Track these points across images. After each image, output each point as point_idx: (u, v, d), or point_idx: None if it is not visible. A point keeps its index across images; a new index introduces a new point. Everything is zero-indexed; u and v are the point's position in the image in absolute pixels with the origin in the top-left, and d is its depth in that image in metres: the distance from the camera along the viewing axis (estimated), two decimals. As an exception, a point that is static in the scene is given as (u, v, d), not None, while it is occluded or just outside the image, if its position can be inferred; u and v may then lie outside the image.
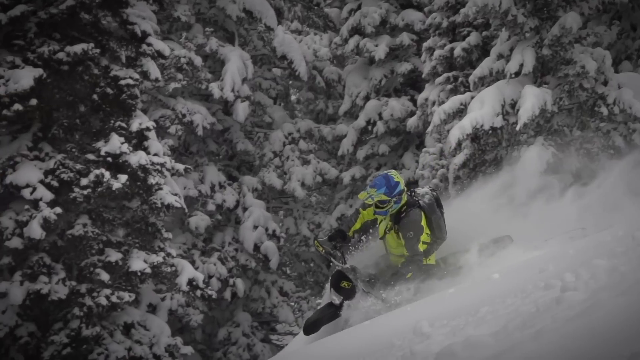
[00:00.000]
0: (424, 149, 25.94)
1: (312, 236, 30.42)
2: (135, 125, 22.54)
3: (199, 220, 28.07)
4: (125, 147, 21.95)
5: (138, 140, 22.69)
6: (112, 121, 22.48)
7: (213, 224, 28.90)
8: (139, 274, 21.99)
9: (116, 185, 21.44)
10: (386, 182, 10.92)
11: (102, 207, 22.26)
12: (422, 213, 11.12)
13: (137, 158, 22.06)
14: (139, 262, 22.07)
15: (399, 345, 7.08)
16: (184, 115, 27.85)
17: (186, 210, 24.97)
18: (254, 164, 31.14)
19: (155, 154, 22.62)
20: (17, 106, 21.03)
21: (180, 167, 23.83)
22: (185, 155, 29.78)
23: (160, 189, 22.59)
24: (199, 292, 23.58)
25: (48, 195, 21.18)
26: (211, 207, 28.63)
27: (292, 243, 32.08)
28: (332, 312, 11.70)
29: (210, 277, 27.46)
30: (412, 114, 28.61)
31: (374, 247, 11.89)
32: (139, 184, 22.32)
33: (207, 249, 28.69)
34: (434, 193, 11.55)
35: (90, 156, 21.98)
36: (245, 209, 29.14)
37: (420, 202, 11.23)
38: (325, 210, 32.72)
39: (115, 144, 21.90)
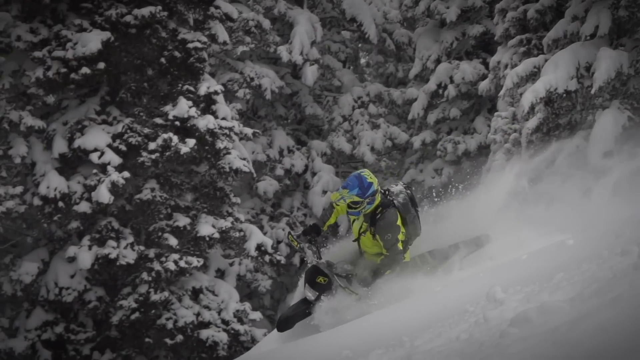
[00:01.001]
0: (496, 113, 25.35)
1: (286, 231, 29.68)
2: (203, 89, 22.39)
3: (268, 185, 27.90)
4: (193, 111, 21.83)
5: (206, 104, 22.56)
6: (180, 85, 22.36)
7: (281, 188, 28.72)
8: (208, 238, 21.92)
9: (184, 149, 21.35)
10: (359, 183, 10.59)
11: (170, 171, 22.19)
12: (398, 213, 10.88)
13: (205, 122, 21.94)
14: (207, 227, 22.00)
15: (472, 311, 6.97)
16: (252, 79, 27.60)
17: (254, 175, 24.76)
18: (322, 128, 30.85)
19: (224, 118, 22.47)
20: (85, 70, 20.99)
21: (248, 131, 23.63)
22: (253, 119, 29.59)
23: (229, 153, 22.44)
24: (267, 258, 23.43)
25: (116, 160, 21.16)
26: (279, 171, 28.42)
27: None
28: (306, 309, 11.36)
29: (278, 242, 27.32)
30: (484, 77, 27.99)
31: (347, 243, 11.66)
32: (207, 148, 22.20)
33: (276, 214, 28.54)
34: (409, 191, 11.30)
35: (158, 120, 21.91)
36: (314, 174, 28.90)
37: (395, 201, 10.98)
38: (395, 175, 32.32)
39: (183, 107, 21.79)
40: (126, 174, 21.02)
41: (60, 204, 21.06)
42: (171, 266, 21.31)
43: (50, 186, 21.04)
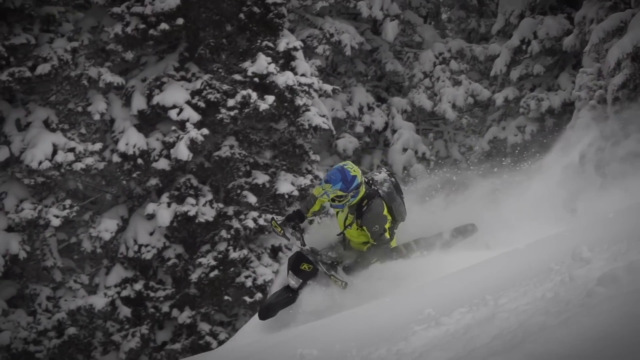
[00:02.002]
0: (581, 69, 24.59)
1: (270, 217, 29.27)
2: (282, 45, 22.14)
3: (347, 143, 27.59)
4: (272, 68, 21.62)
5: (285, 61, 22.31)
6: (259, 41, 22.13)
7: (361, 146, 28.40)
8: (286, 196, 21.75)
9: (263, 106, 21.16)
10: (342, 177, 10.30)
11: (248, 128, 22.03)
12: (383, 203, 10.59)
13: (285, 78, 21.71)
14: (286, 185, 21.83)
15: (557, 270, 6.77)
16: (331, 35, 27.22)
17: (334, 132, 24.50)
18: (403, 85, 30.41)
19: (303, 75, 22.21)
20: (164, 25, 20.89)
21: (328, 88, 23.36)
22: (333, 75, 29.25)
23: (308, 110, 22.19)
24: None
25: (195, 116, 21.07)
26: (359, 129, 28.09)
27: (442, 166, 31.33)
28: (288, 297, 11.09)
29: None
30: (568, 32, 27.18)
31: (331, 230, 11.35)
32: (286, 105, 21.98)
33: (355, 172, 28.24)
34: (393, 179, 11.03)
35: (237, 76, 21.75)
36: (394, 131, 28.51)
37: (379, 191, 10.69)
38: (477, 133, 31.76)
39: (262, 64, 21.58)
40: (205, 130, 20.93)
41: (139, 160, 21.09)
42: (250, 224, 21.21)
43: (129, 143, 21.06)
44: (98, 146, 20.95)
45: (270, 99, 21.41)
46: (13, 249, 20.17)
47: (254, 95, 21.24)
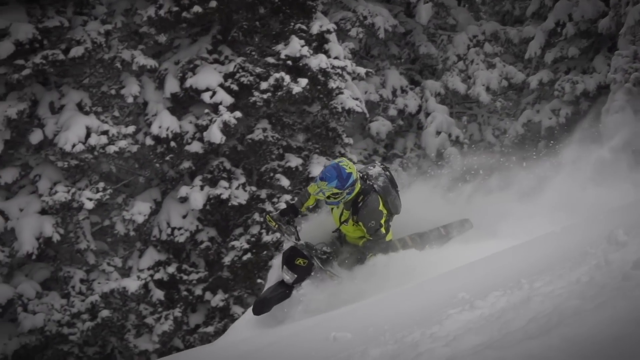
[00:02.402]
0: (616, 52, 24.32)
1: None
2: (315, 28, 22.03)
3: (380, 126, 27.43)
4: (305, 50, 21.52)
5: (318, 43, 22.20)
6: (292, 23, 22.03)
7: (394, 129, 28.22)
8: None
9: (296, 89, 21.08)
10: (337, 175, 10.20)
11: (281, 111, 21.95)
12: (379, 198, 10.54)
13: (318, 61, 21.60)
14: (319, 168, 21.72)
15: (593, 253, 6.73)
16: (365, 18, 27.04)
17: (367, 115, 24.37)
18: (436, 68, 30.20)
19: (336, 57, 22.11)
20: (197, 8, 20.83)
21: (361, 70, 23.25)
22: (366, 58, 29.09)
23: (341, 93, 22.09)
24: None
25: (228, 99, 21.02)
26: (393, 112, 27.91)
27: (476, 149, 31.12)
28: (283, 292, 11.03)
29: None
30: (604, 14, 26.89)
31: (325, 224, 11.30)
32: (320, 87, 21.87)
33: (389, 155, 28.10)
34: (387, 173, 11.00)
35: (270, 59, 21.67)
36: (427, 114, 28.32)
37: (375, 186, 10.60)
38: (511, 116, 31.49)
39: (296, 46, 21.48)
40: (238, 113, 20.89)
41: (172, 143, 21.09)
42: (283, 207, 21.13)
43: (162, 126, 21.06)
44: (131, 129, 20.98)
45: (304, 82, 21.31)
46: (47, 232, 20.24)
47: (287, 78, 21.15)
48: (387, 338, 6.68)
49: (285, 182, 21.39)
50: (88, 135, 20.37)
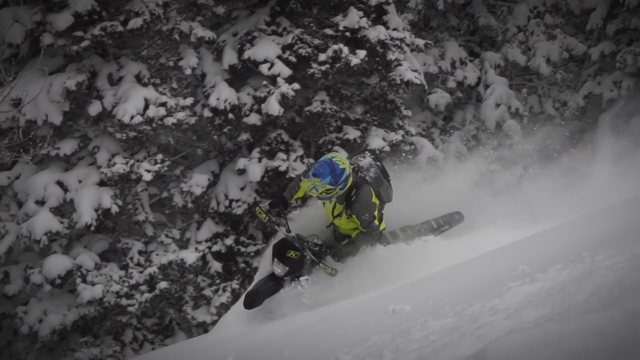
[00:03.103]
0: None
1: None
2: (374, -1, 21.82)
3: (439, 98, 27.16)
4: (363, 22, 21.33)
5: (377, 15, 21.98)
6: (351, -6, 21.82)
7: (453, 101, 27.93)
8: (378, 151, 21.47)
9: (354, 60, 20.90)
10: (331, 171, 10.16)
11: (340, 83, 21.78)
12: (372, 189, 10.53)
13: (376, 33, 21.40)
14: (377, 140, 21.58)
15: None
16: (424, -12, 26.77)
17: (426, 87, 24.06)
18: (496, 39, 29.79)
19: (395, 29, 21.88)
20: (255, -21, 20.70)
21: (420, 42, 23.02)
22: (424, 30, 28.78)
23: (400, 64, 21.87)
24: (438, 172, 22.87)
25: (286, 71, 20.90)
26: (451, 84, 27.62)
27: (535, 122, 30.71)
28: (274, 285, 10.90)
29: (449, 156, 26.65)
30: (669, -16, 26.41)
31: (315, 218, 11.28)
32: (378, 59, 21.67)
33: (447, 128, 27.82)
34: (378, 163, 10.99)
35: (328, 31, 21.49)
36: (487, 86, 27.96)
37: (367, 177, 10.60)
38: (572, 88, 31.01)
39: (354, 18, 21.29)
40: (296, 85, 20.76)
41: (230, 115, 21.04)
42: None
43: (220, 98, 21.01)
44: (189, 101, 20.96)
45: (362, 53, 21.12)
46: (105, 203, 20.33)
47: (346, 49, 20.97)
48: (447, 310, 6.68)
49: (343, 154, 21.21)
50: (146, 107, 20.39)
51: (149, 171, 20.47)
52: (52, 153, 20.62)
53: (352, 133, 21.60)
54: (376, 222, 10.61)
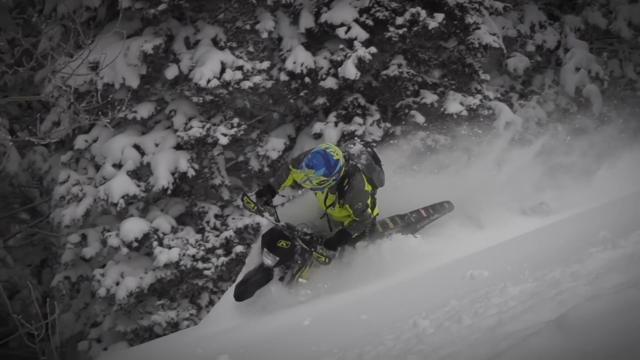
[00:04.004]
0: None
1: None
2: (452, -39, 21.45)
3: (518, 62, 26.67)
4: (442, -16, 20.98)
5: (455, -24, 21.59)
6: (431, -44, 21.49)
7: (532, 65, 27.41)
8: (455, 116, 21.20)
9: (432, 24, 20.62)
10: (325, 162, 10.05)
11: (417, 47, 21.49)
12: (364, 177, 10.49)
13: (454, -5, 21.09)
14: (455, 105, 21.29)
15: None
16: (503, -50, 26.26)
17: (504, 51, 23.70)
18: (577, 2, 29.15)
19: (473, -9, 21.50)
20: (333, -60, 20.48)
21: (498, 5, 22.66)
22: (503, -8, 28.31)
23: (478, 28, 21.53)
24: (516, 137, 22.51)
25: (363, 35, 20.69)
26: (530, 47, 27.10)
27: (616, 86, 30.07)
28: (264, 276, 10.79)
29: (528, 121, 26.21)
30: None
31: (306, 207, 11.23)
32: (456, 23, 21.33)
33: (526, 92, 27.34)
34: (369, 149, 10.96)
35: (406, -7, 21.19)
36: (566, 50, 27.40)
37: (359, 165, 10.47)
38: (655, 52, 30.33)
39: (432, -20, 20.98)
40: (373, 49, 20.53)
41: (307, 79, 20.90)
42: (417, 144, 20.78)
43: (297, 61, 20.86)
44: (266, 64, 20.87)
45: (440, 16, 20.81)
46: (182, 167, 20.43)
47: (423, 13, 20.69)
48: (527, 276, 6.66)
49: (420, 118, 21.00)
50: (223, 70, 20.39)
51: (225, 135, 20.50)
52: (129, 116, 20.75)
53: (430, 97, 21.33)
54: (369, 210, 10.55)
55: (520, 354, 4.43)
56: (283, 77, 21.02)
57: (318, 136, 20.82)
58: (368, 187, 10.54)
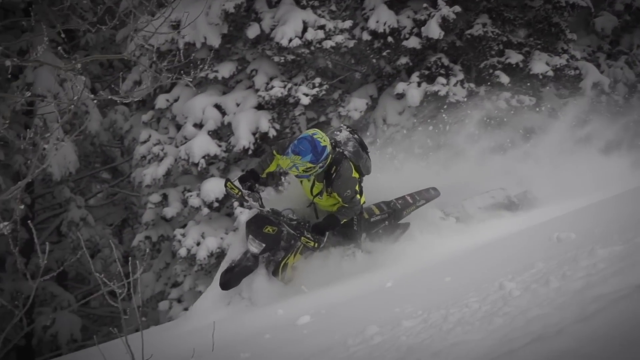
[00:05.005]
0: None
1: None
2: None
3: (606, 21, 26.08)
4: (528, -59, 20.52)
5: None
6: None
7: (620, 25, 26.76)
8: (541, 76, 20.76)
9: (518, -19, 20.18)
10: (312, 149, 9.86)
11: (502, 5, 21.08)
12: (351, 164, 10.34)
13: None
14: (540, 65, 20.86)
15: None
16: None
17: (592, 10, 23.13)
18: (668, -42, 28.37)
19: (564, -54, 21.01)
20: None
21: (587, -39, 21.99)
22: (591, -51, 27.60)
23: (565, -15, 20.98)
24: (603, 98, 22.01)
25: (453, -6, 20.34)
26: (619, 6, 26.47)
27: None
28: (250, 264, 10.58)
29: (616, 82, 25.60)
30: None
31: (292, 196, 11.09)
32: (543, -20, 20.83)
33: (614, 52, 26.70)
34: (356, 136, 10.78)
35: (492, -51, 20.79)
36: (656, 9, 26.72)
37: (345, 152, 10.39)
38: None
39: None
40: (457, 8, 20.16)
41: (390, 39, 20.61)
42: (502, 105, 20.41)
43: (380, 20, 20.57)
44: (348, 24, 20.62)
45: (526, -27, 20.39)
46: (263, 127, 20.35)
47: (509, -30, 20.28)
48: (616, 239, 6.50)
49: (504, 79, 20.60)
50: (305, 29, 20.20)
51: (306, 95, 20.36)
52: (210, 76, 20.69)
53: (515, 57, 20.90)
54: (358, 196, 10.42)
55: (609, 317, 4.36)
56: (365, 36, 20.76)
57: (401, 96, 20.55)
58: (355, 174, 10.41)
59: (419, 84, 20.48)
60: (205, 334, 8.80)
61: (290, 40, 19.94)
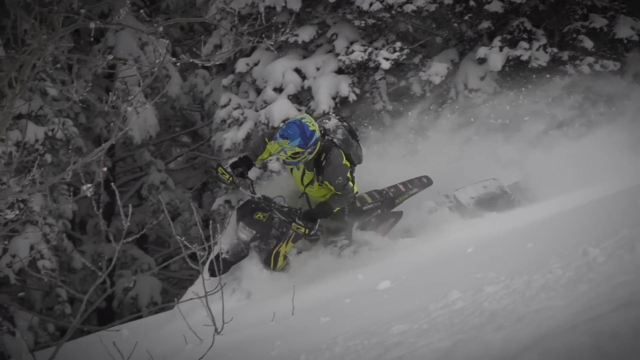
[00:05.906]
0: None
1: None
2: None
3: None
4: None
5: None
6: None
7: None
8: (625, 41, 20.36)
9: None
10: (301, 133, 9.77)
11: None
12: (341, 152, 10.23)
13: None
14: (625, 29, 20.44)
15: None
16: None
17: (680, -27, 22.58)
18: None
19: None
20: None
21: None
22: None
23: (653, -54, 20.52)
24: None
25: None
26: None
27: None
28: (241, 250, 10.43)
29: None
30: None
31: (284, 187, 10.96)
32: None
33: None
34: (345, 124, 10.67)
35: None
36: None
37: (335, 140, 10.29)
38: None
39: None
40: (541, -30, 19.88)
41: (471, 2, 20.37)
42: (585, 70, 20.10)
43: (462, -16, 20.39)
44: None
45: None
46: (343, 91, 20.35)
47: None
48: None
49: (588, 43, 20.24)
50: (387, -7, 20.11)
51: (387, 59, 20.28)
52: (290, 40, 20.72)
53: (599, 22, 20.51)
54: (350, 183, 10.33)
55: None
56: (447, 0, 20.57)
57: (482, 61, 20.35)
58: (346, 162, 10.29)
59: (501, 49, 20.24)
60: (285, 300, 8.91)
61: (371, 4, 19.85)
